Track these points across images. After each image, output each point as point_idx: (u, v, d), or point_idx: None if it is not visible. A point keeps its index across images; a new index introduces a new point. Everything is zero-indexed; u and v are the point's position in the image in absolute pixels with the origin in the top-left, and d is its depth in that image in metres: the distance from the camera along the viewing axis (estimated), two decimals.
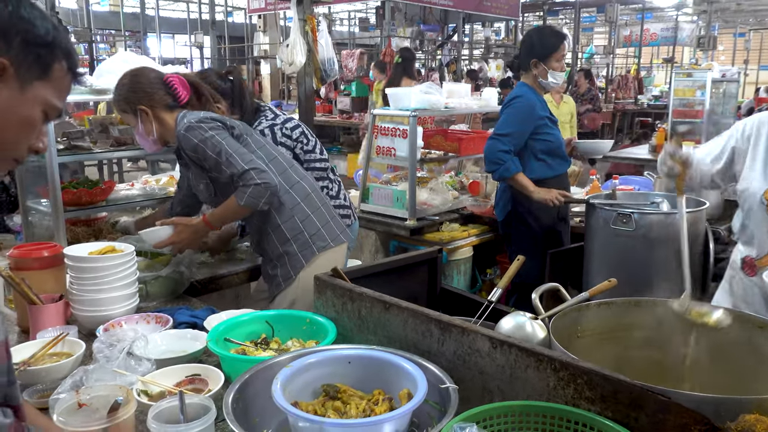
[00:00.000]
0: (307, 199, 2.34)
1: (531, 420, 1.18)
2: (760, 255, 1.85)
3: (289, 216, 2.29)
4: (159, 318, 1.87)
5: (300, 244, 2.30)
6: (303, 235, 2.30)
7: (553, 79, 3.14)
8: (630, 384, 1.09)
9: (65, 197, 2.43)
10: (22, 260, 1.90)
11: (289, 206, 2.29)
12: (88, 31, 10.89)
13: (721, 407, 1.08)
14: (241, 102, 2.66)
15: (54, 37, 0.99)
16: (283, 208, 2.28)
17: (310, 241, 2.31)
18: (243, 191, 2.11)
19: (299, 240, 2.30)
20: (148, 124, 2.21)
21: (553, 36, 3.20)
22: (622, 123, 14.78)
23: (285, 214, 2.28)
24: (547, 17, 15.47)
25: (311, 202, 2.35)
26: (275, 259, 2.32)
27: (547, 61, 3.11)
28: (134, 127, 2.26)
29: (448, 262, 3.57)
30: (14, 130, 0.97)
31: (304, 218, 2.31)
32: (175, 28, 17.10)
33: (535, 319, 1.51)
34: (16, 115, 0.96)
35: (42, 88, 0.99)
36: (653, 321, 1.57)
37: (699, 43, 14.44)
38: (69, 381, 1.36)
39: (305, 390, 1.35)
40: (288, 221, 2.29)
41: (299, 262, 2.30)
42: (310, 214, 2.33)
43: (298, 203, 2.32)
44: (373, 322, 1.54)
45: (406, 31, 13.09)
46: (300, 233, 2.30)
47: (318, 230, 2.33)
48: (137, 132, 2.26)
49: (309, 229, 2.31)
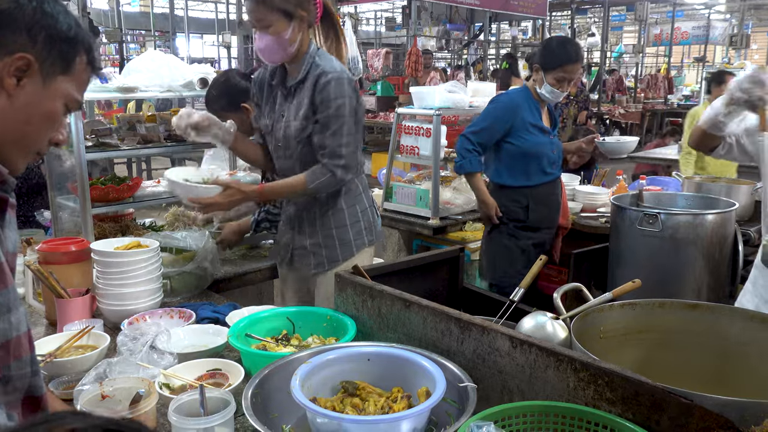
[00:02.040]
0: (365, 191, 2.37)
1: (550, 420, 1.17)
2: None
3: (353, 203, 2.29)
4: (182, 313, 1.89)
5: (355, 233, 2.30)
6: (359, 225, 2.31)
7: (545, 92, 2.97)
8: (652, 386, 1.07)
9: (93, 193, 2.47)
10: (51, 254, 1.94)
11: (355, 194, 2.30)
12: (118, 32, 11.07)
13: (746, 411, 1.05)
14: None
15: (76, 33, 1.00)
16: (351, 194, 2.28)
17: (364, 233, 2.32)
18: (318, 175, 2.10)
19: (355, 228, 2.30)
20: (296, 32, 2.06)
21: (566, 54, 2.94)
22: (651, 123, 14.56)
23: (350, 200, 2.28)
24: (576, 16, 15.30)
25: (368, 196, 2.39)
26: (324, 238, 2.28)
27: (548, 73, 2.94)
28: (281, 33, 2.04)
29: (471, 262, 3.55)
30: (38, 124, 0.99)
31: (363, 209, 2.32)
32: (204, 28, 17.31)
33: (556, 319, 1.50)
34: (40, 109, 0.98)
35: (64, 83, 1.00)
36: (678, 323, 1.54)
37: (731, 42, 14.14)
38: (93, 373, 1.38)
39: (324, 386, 1.35)
40: (351, 207, 2.28)
41: (350, 250, 2.29)
42: (367, 207, 2.35)
43: (361, 193, 2.33)
44: (393, 319, 1.54)
45: (432, 31, 13.08)
46: (357, 222, 2.30)
47: (370, 224, 2.35)
48: (278, 37, 2.05)
49: (365, 220, 2.32)
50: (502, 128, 2.98)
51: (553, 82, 2.94)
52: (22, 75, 0.95)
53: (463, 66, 13.39)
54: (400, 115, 3.87)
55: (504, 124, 2.97)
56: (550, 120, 3.15)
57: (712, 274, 2.52)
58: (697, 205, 2.61)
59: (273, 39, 2.05)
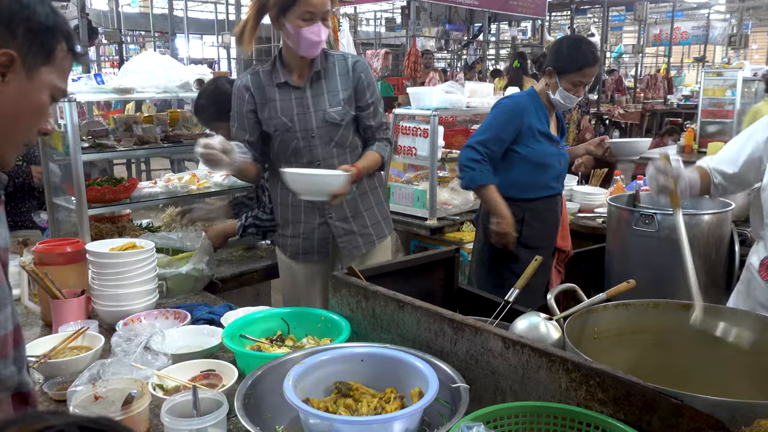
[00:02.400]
0: None
1: (542, 421, 1.17)
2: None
3: (379, 184, 2.48)
4: (177, 314, 1.89)
5: (387, 210, 2.53)
6: (387, 203, 2.53)
7: (559, 98, 2.67)
8: (643, 386, 1.07)
9: (90, 194, 2.47)
10: (46, 255, 1.94)
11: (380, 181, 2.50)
12: (117, 32, 11.06)
13: (737, 412, 1.05)
14: None
15: (54, 21, 0.98)
16: (380, 175, 2.50)
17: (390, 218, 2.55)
18: (384, 147, 2.35)
19: (387, 205, 2.53)
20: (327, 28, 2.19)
21: (583, 56, 2.65)
22: (651, 123, 14.55)
23: (379, 180, 2.49)
24: (575, 16, 15.29)
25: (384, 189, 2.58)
26: (370, 218, 2.42)
27: (563, 77, 2.65)
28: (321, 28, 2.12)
29: (468, 262, 3.55)
30: (26, 118, 0.99)
31: (385, 198, 2.53)
32: (204, 29, 17.31)
33: (549, 320, 1.50)
34: (27, 103, 0.97)
35: (47, 73, 0.99)
36: (672, 323, 1.54)
37: (730, 42, 14.14)
38: (87, 374, 1.38)
39: (318, 387, 1.35)
40: (380, 187, 2.49)
41: (390, 224, 2.52)
42: (383, 200, 2.51)
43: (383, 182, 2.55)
44: (387, 320, 1.54)
45: (431, 31, 13.08)
46: (384, 200, 2.51)
47: (387, 215, 2.53)
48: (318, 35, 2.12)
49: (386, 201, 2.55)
50: (510, 135, 2.67)
51: (569, 87, 2.65)
52: (5, 71, 0.94)
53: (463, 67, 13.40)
54: (397, 115, 3.87)
55: (511, 130, 2.67)
56: (557, 128, 2.86)
57: (708, 274, 2.52)
58: (694, 206, 2.61)
59: (317, 38, 2.13)
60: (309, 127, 2.25)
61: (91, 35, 7.31)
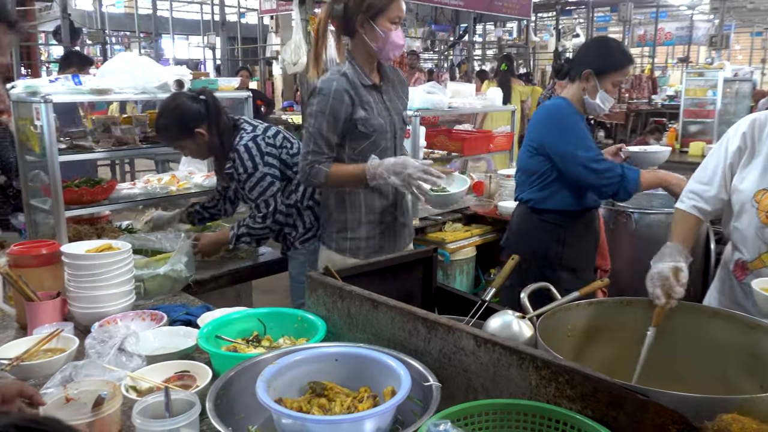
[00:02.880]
0: None
1: (512, 418, 1.17)
2: (751, 258, 1.80)
3: None
4: (154, 315, 1.88)
5: None
6: None
7: (599, 101, 2.51)
8: (610, 383, 1.09)
9: (67, 196, 2.45)
10: (21, 257, 1.92)
11: None
12: (101, 33, 10.99)
13: (701, 407, 1.07)
14: (218, 120, 2.50)
15: None
16: None
17: None
18: None
19: None
20: None
21: (621, 53, 2.54)
22: (636, 123, 14.65)
23: None
24: (560, 17, 15.38)
25: None
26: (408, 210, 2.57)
27: (603, 78, 2.48)
28: None
29: (451, 262, 3.57)
30: None
31: None
32: (189, 29, 17.22)
33: (522, 318, 1.51)
34: None
35: None
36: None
37: (711, 42, 14.27)
38: (59, 376, 1.38)
39: (292, 387, 1.35)
40: None
41: None
42: None
43: None
44: (362, 320, 1.55)
45: (417, 31, 13.10)
46: None
47: None
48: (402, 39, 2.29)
49: None
50: None
51: (609, 88, 2.51)
52: None
53: (448, 67, 13.43)
54: None
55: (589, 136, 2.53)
56: None
57: None
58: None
59: None
60: (398, 126, 2.38)
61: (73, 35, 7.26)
